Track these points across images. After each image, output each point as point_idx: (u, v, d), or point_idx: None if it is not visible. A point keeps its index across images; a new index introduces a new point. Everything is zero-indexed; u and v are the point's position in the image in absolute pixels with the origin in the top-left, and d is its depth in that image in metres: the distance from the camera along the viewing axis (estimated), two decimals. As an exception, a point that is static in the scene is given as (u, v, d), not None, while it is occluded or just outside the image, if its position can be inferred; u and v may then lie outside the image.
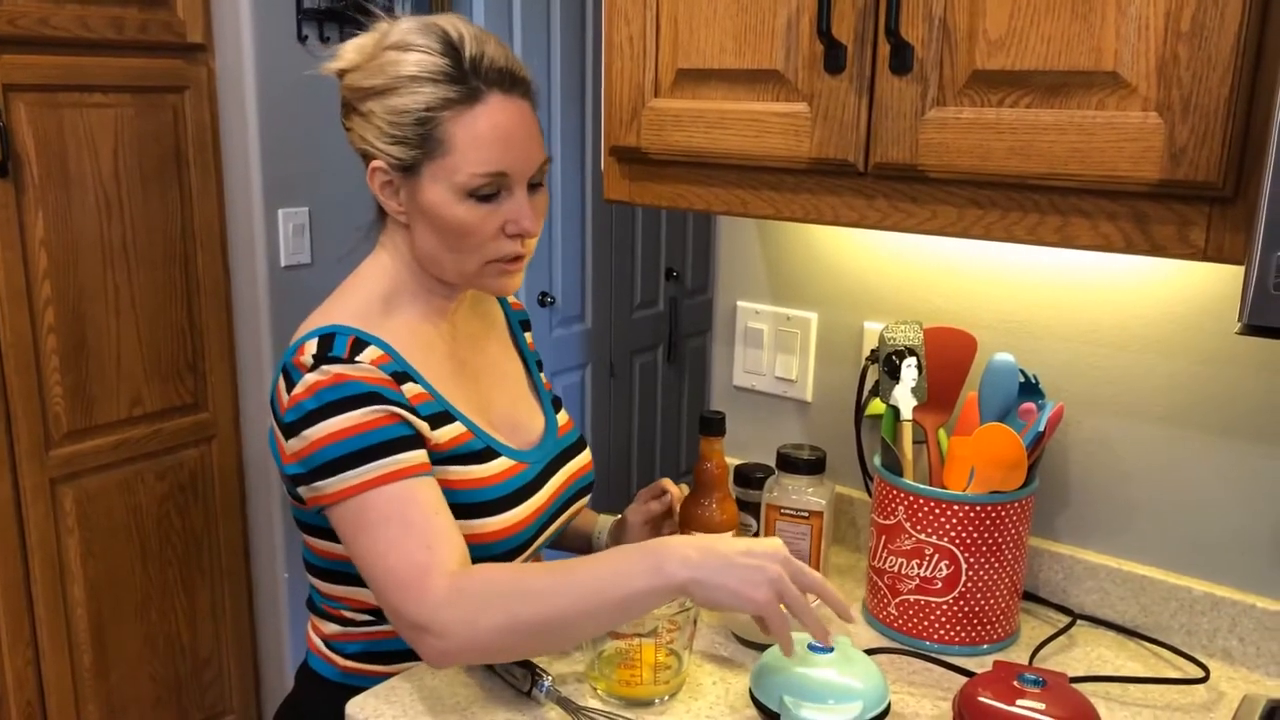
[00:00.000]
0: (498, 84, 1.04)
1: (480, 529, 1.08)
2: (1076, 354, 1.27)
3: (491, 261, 1.08)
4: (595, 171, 2.96)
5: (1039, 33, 0.93)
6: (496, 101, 1.03)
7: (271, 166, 2.19)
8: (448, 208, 1.05)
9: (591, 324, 3.10)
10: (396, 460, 1.00)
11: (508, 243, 1.08)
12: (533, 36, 2.72)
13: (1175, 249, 0.91)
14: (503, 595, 0.95)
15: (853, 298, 1.45)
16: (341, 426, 1.00)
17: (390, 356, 1.06)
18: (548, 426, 1.24)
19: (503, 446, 1.14)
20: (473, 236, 1.06)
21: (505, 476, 1.12)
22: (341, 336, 1.05)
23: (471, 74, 1.03)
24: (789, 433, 1.54)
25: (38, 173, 1.92)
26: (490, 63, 1.04)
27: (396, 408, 1.02)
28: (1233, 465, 1.19)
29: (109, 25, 1.98)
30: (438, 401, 1.08)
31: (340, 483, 0.99)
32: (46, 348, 1.98)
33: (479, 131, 1.03)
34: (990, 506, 1.16)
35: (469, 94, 1.02)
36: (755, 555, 0.95)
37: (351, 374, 1.01)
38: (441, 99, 1.02)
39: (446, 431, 1.08)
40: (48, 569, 2.04)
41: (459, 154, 1.03)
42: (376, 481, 0.99)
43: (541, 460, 1.19)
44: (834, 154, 1.06)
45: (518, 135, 1.05)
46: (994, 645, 1.21)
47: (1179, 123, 0.87)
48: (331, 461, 0.99)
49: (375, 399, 1.01)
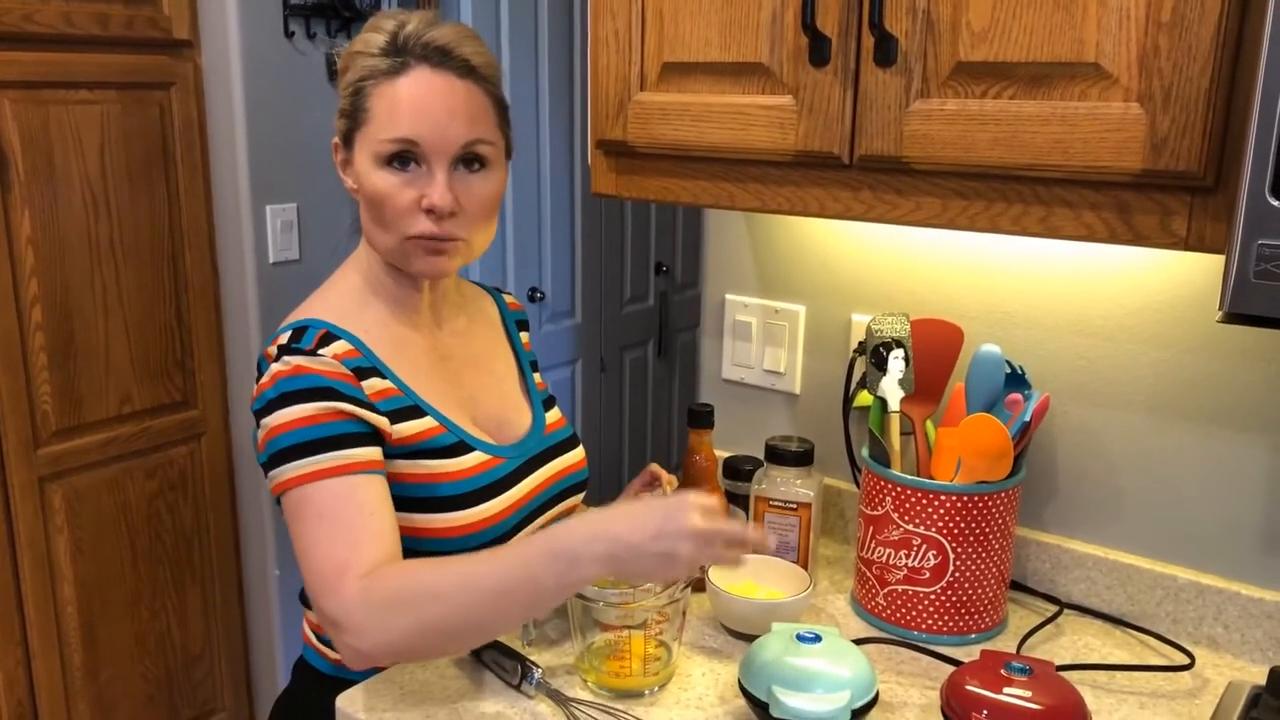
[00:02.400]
0: (425, 59, 1.06)
1: (451, 522, 1.09)
2: (1062, 345, 1.28)
3: (411, 238, 1.08)
4: (584, 167, 2.96)
5: (1021, 24, 0.93)
6: (420, 74, 1.06)
7: (259, 163, 2.18)
8: (368, 176, 1.08)
9: (582, 319, 3.10)
10: (340, 455, 1.01)
11: (422, 219, 1.07)
12: (520, 32, 2.72)
13: (1157, 238, 0.92)
14: (411, 598, 0.95)
15: (840, 290, 1.45)
16: (293, 417, 1.01)
17: (359, 351, 1.08)
18: (534, 423, 1.24)
19: (478, 441, 1.14)
20: (387, 207, 1.07)
21: (477, 471, 1.12)
22: (313, 330, 1.07)
23: (402, 49, 1.06)
24: (777, 425, 1.54)
25: (24, 170, 1.92)
26: (428, 41, 1.06)
27: (349, 404, 1.03)
28: (1217, 454, 1.19)
29: (94, 21, 1.97)
30: (407, 396, 1.09)
31: (286, 472, 1.01)
32: (34, 345, 1.97)
33: (396, 99, 1.06)
34: (977, 497, 1.17)
35: (395, 66, 1.06)
36: (666, 537, 0.91)
37: (310, 366, 1.03)
38: (372, 69, 1.07)
39: (414, 425, 1.08)
40: (37, 568, 2.03)
41: (376, 122, 1.07)
42: (318, 475, 1.00)
43: (521, 456, 1.18)
44: (819, 146, 1.06)
45: (437, 107, 1.06)
46: (982, 635, 1.22)
47: (1160, 113, 0.88)
48: (281, 451, 1.01)
49: (329, 394, 1.03)
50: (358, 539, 0.98)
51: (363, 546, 0.97)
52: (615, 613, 1.08)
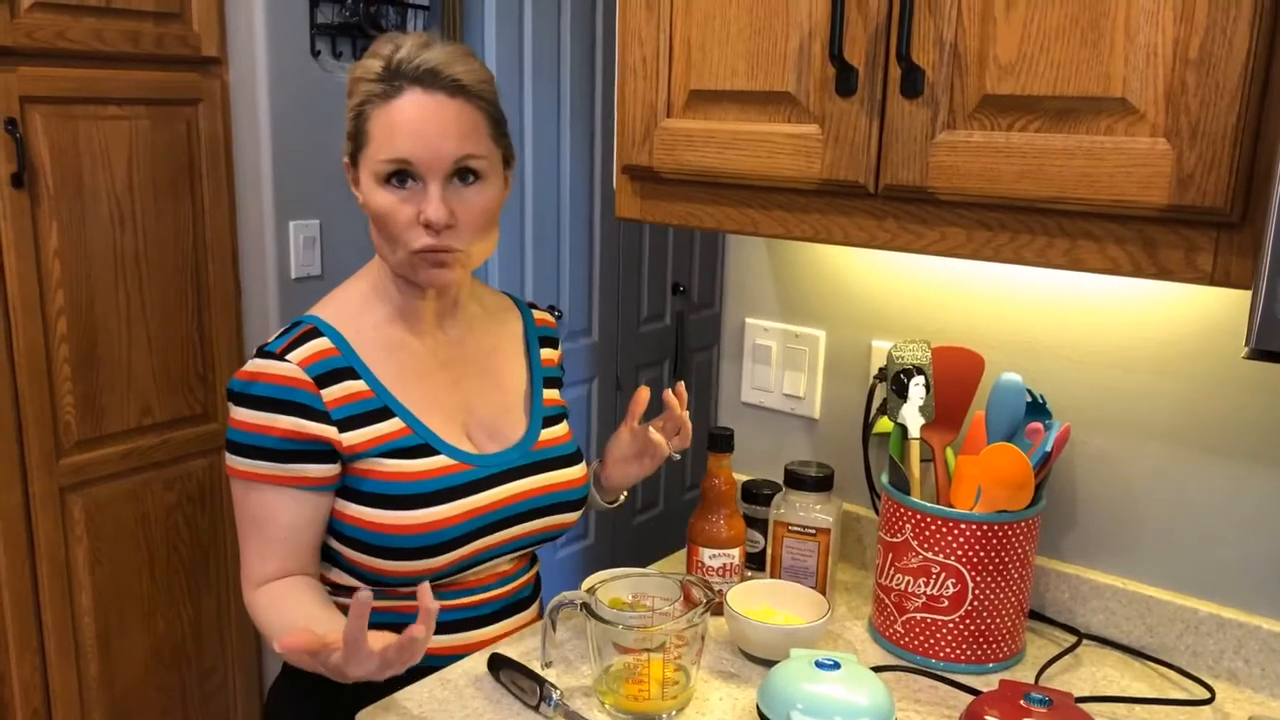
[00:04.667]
0: (417, 81, 1.11)
1: (401, 520, 1.14)
2: (1083, 375, 1.28)
3: (414, 252, 1.14)
4: (604, 187, 2.98)
5: (1049, 58, 0.94)
6: (412, 96, 1.11)
7: (283, 179, 2.20)
8: (371, 195, 1.14)
9: (598, 338, 3.11)
10: (279, 468, 1.13)
11: (421, 233, 1.13)
12: (543, 57, 2.74)
13: (1182, 273, 0.92)
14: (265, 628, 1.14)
15: (861, 316, 1.46)
16: (246, 419, 1.13)
17: (338, 350, 1.16)
18: (525, 436, 1.26)
19: (446, 446, 1.18)
20: (389, 224, 1.14)
21: (436, 474, 1.16)
22: (300, 326, 1.17)
23: (395, 74, 1.12)
24: (797, 450, 1.54)
25: (53, 184, 1.94)
26: (418, 64, 1.11)
27: (297, 418, 1.12)
28: (1239, 488, 1.19)
29: (125, 39, 2.00)
30: (378, 398, 1.16)
31: (234, 462, 1.15)
32: (58, 357, 1.99)
33: (390, 121, 1.11)
34: (997, 525, 1.17)
35: (389, 91, 1.12)
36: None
37: (266, 373, 1.13)
38: (369, 94, 1.13)
39: (376, 429, 1.15)
40: (56, 577, 2.05)
41: (374, 144, 1.13)
42: (257, 477, 1.13)
43: (495, 466, 1.21)
44: (844, 175, 1.07)
45: (428, 127, 1.11)
46: (1000, 664, 1.21)
47: (1187, 149, 0.88)
48: (233, 442, 1.14)
49: (279, 406, 1.12)
50: (267, 554, 1.15)
51: (269, 562, 1.15)
52: (634, 636, 1.08)
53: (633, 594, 1.19)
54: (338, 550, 1.18)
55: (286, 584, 1.15)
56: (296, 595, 1.14)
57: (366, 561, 1.16)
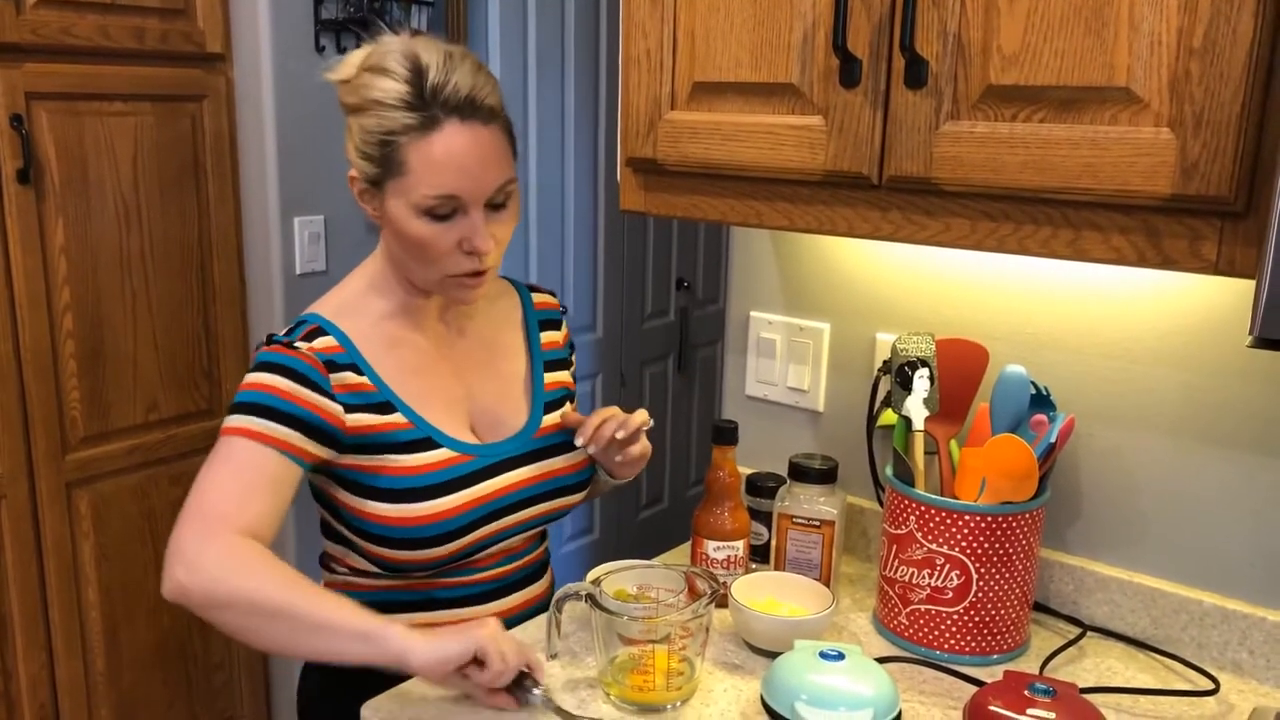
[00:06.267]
0: (456, 111, 1.09)
1: (409, 513, 1.15)
2: (1088, 366, 1.28)
3: (451, 275, 1.15)
4: (608, 182, 2.98)
5: (1052, 48, 0.94)
6: (452, 128, 1.09)
7: (288, 175, 2.21)
8: (406, 223, 1.12)
9: (603, 333, 3.11)
10: (278, 430, 1.10)
11: (465, 259, 1.14)
12: (547, 52, 2.74)
13: (1187, 263, 0.92)
14: (256, 583, 1.04)
15: (865, 309, 1.46)
16: (257, 381, 1.12)
17: (342, 347, 1.16)
18: (527, 424, 1.27)
19: (447, 438, 1.19)
20: (429, 251, 1.13)
21: (440, 466, 1.17)
22: (307, 323, 1.17)
23: (430, 101, 1.08)
24: (801, 442, 1.55)
25: (58, 180, 1.95)
26: (452, 90, 1.08)
27: (309, 390, 1.12)
28: (1244, 478, 1.19)
29: (130, 35, 2.00)
30: (379, 392, 1.16)
31: (232, 421, 1.11)
32: (64, 353, 2.00)
33: (433, 157, 1.09)
34: (1001, 517, 1.17)
35: (426, 121, 1.08)
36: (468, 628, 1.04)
37: (284, 351, 1.13)
38: (401, 124, 1.09)
39: (381, 419, 1.16)
40: (63, 572, 2.06)
41: (414, 176, 1.10)
42: (253, 435, 1.09)
43: (495, 455, 1.22)
44: (848, 167, 1.07)
45: (471, 160, 1.10)
46: (1004, 655, 1.21)
47: (1191, 138, 0.88)
48: (237, 403, 1.12)
49: (294, 375, 1.11)
50: (247, 503, 1.08)
51: (247, 512, 1.08)
52: (639, 627, 1.08)
53: (637, 585, 1.19)
54: (355, 542, 1.19)
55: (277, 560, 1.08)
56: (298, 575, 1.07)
57: (382, 552, 1.18)
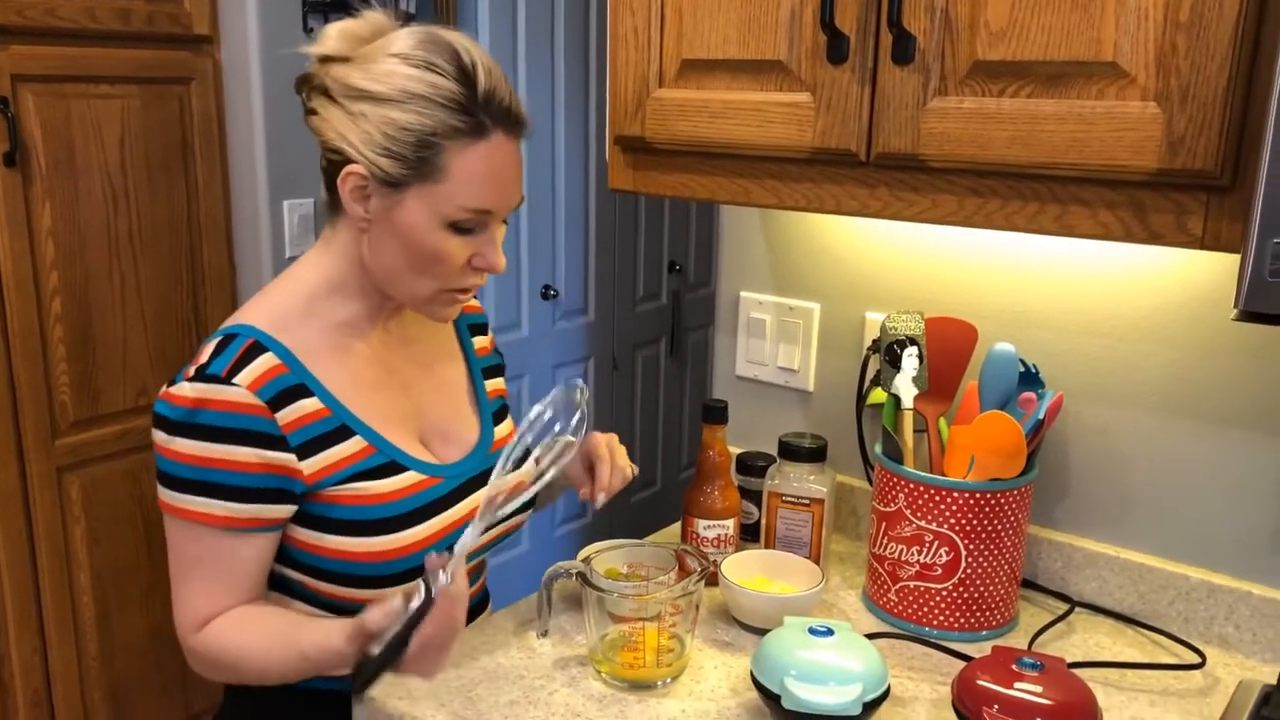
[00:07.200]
0: (503, 123, 1.02)
1: (380, 546, 1.05)
2: (1076, 344, 1.28)
3: (447, 290, 1.07)
4: (598, 164, 2.97)
5: (1039, 24, 0.94)
6: (498, 141, 1.02)
7: (276, 158, 2.20)
8: (424, 232, 1.02)
9: (594, 317, 3.11)
10: (230, 508, 1.00)
11: (472, 275, 1.06)
12: (536, 30, 2.73)
13: (1173, 237, 0.93)
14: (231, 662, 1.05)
15: (855, 288, 1.46)
16: (187, 450, 0.99)
17: (286, 366, 1.03)
18: (480, 439, 1.18)
19: (412, 460, 1.09)
20: (442, 265, 1.04)
21: (408, 493, 1.08)
22: (241, 340, 1.02)
23: (483, 108, 1.00)
24: (791, 422, 1.55)
25: (45, 163, 1.94)
26: (500, 100, 1.01)
27: (254, 449, 0.99)
28: (1230, 453, 1.20)
29: (116, 16, 1.99)
30: (335, 415, 1.05)
31: (176, 500, 1.01)
32: (53, 337, 1.99)
33: (477, 167, 1.01)
34: (990, 494, 1.17)
35: (477, 128, 1.00)
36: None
37: (214, 399, 0.98)
38: (450, 127, 0.99)
39: (339, 451, 1.04)
40: (54, 557, 2.05)
41: (452, 184, 1.00)
42: (204, 518, 1.00)
43: (461, 475, 1.13)
44: (836, 144, 1.07)
45: (510, 176, 1.04)
46: (993, 631, 1.22)
47: (1177, 112, 0.88)
48: (176, 478, 1.00)
49: (233, 436, 0.99)
50: (216, 594, 1.04)
51: (217, 601, 1.04)
52: (629, 605, 1.09)
53: (628, 564, 1.19)
54: (295, 579, 1.08)
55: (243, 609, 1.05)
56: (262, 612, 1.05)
57: (331, 590, 1.07)
